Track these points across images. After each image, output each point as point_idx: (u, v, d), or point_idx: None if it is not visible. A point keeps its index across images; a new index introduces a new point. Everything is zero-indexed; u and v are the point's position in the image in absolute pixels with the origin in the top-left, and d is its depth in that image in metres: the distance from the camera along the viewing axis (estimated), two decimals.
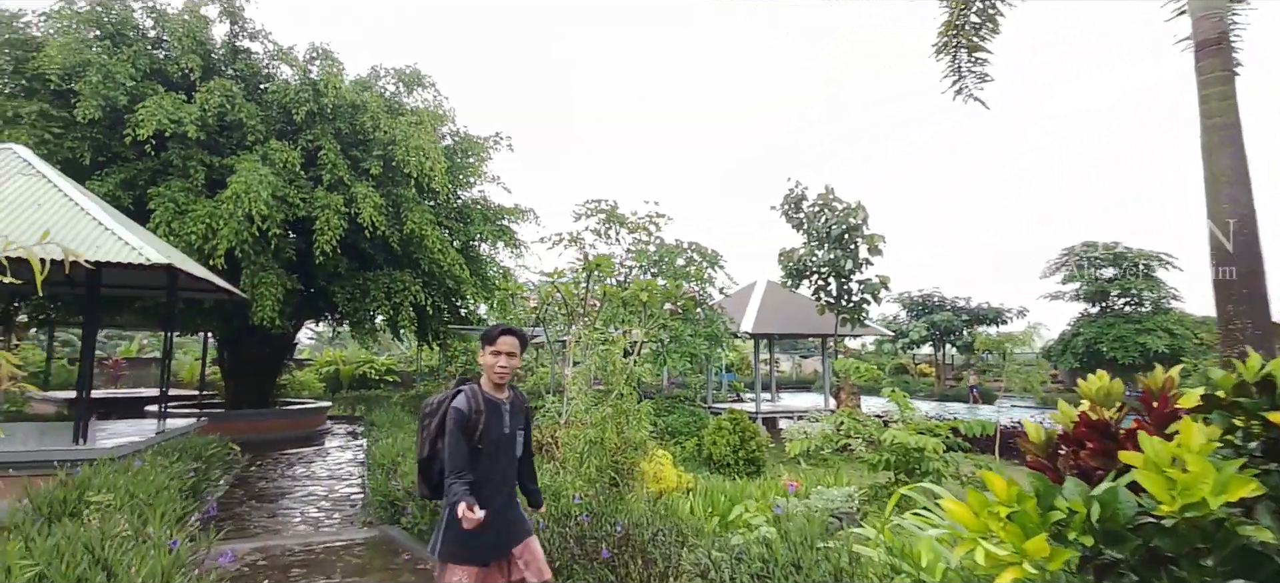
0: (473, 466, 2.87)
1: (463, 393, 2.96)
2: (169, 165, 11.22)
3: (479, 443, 2.89)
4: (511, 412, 3.06)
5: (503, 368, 2.99)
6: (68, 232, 7.11)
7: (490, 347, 3.00)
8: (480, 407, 2.92)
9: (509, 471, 3.05)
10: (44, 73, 10.61)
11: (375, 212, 11.78)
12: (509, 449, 3.03)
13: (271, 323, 11.03)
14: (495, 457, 2.96)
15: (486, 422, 2.91)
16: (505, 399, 3.05)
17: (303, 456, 12.36)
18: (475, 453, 2.88)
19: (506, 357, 3.00)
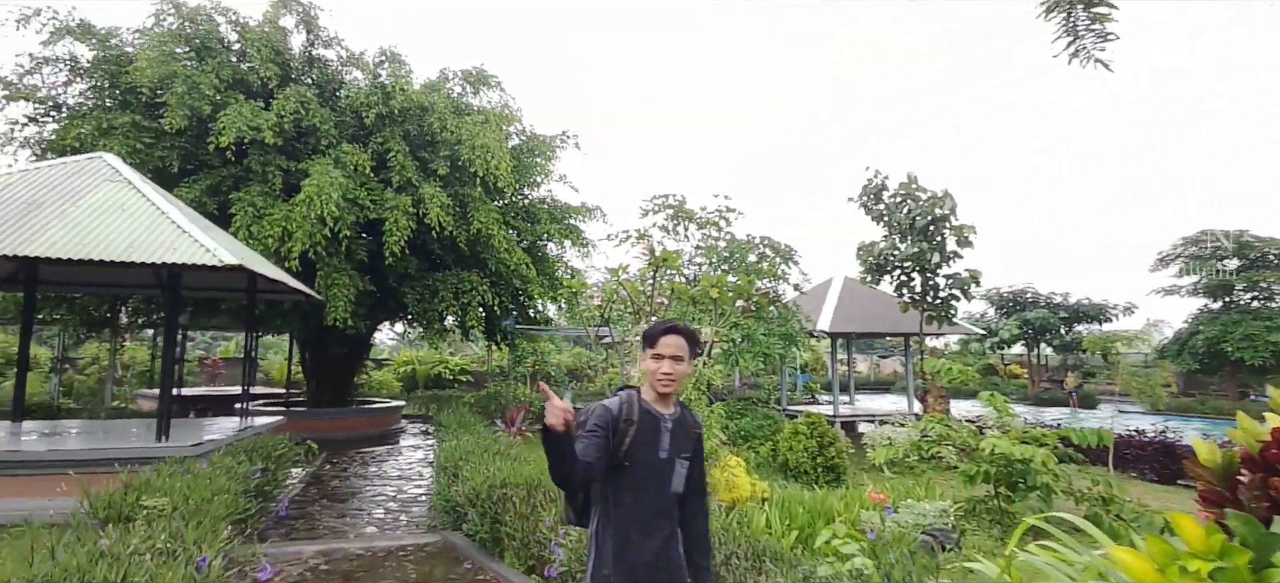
0: (612, 490, 2.36)
1: (618, 397, 2.48)
2: (249, 171, 11.58)
3: (624, 459, 2.36)
4: (674, 433, 2.45)
5: (666, 374, 2.41)
6: (150, 235, 7.29)
7: (651, 348, 2.46)
8: (633, 415, 2.39)
9: (663, 506, 2.42)
10: (136, 86, 11.15)
11: (442, 212, 11.78)
12: (663, 478, 2.42)
13: (344, 323, 11.19)
14: (643, 484, 2.38)
15: (636, 436, 2.38)
16: (668, 416, 2.46)
17: (376, 454, 12.53)
18: (618, 471, 2.36)
19: (671, 360, 2.42)
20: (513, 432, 11.17)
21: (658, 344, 2.44)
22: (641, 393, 2.48)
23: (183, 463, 5.63)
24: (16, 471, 6.92)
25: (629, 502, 2.36)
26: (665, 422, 2.44)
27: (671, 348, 2.43)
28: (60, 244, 6.87)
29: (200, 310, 13.49)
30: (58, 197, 7.68)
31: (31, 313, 10.02)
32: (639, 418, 2.39)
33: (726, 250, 12.84)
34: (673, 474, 2.44)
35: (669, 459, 2.42)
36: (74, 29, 11.30)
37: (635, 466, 2.36)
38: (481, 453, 7.31)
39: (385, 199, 11.77)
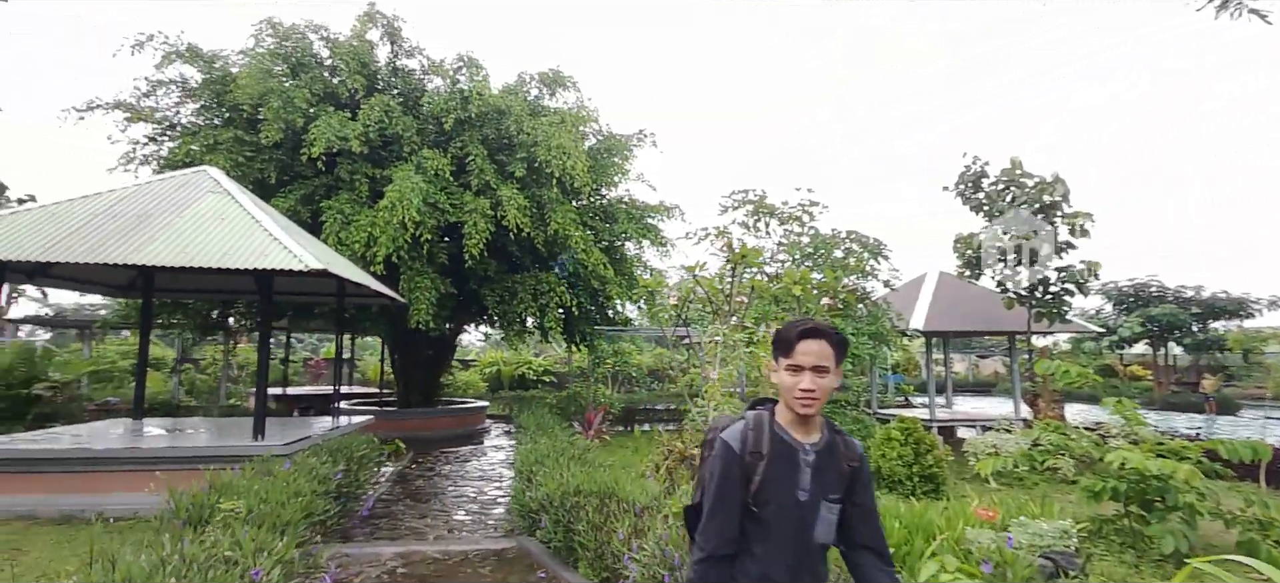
0: (742, 539, 1.91)
1: (743, 421, 1.99)
2: (339, 180, 12.04)
3: (753, 503, 1.89)
4: (817, 468, 1.92)
5: (807, 391, 1.87)
6: (244, 243, 7.60)
7: (785, 357, 1.92)
8: (762, 448, 1.90)
9: (804, 560, 1.90)
10: (238, 104, 11.82)
11: (519, 213, 11.82)
12: (802, 526, 1.90)
13: (427, 326, 11.42)
14: (776, 533, 1.89)
15: (768, 473, 1.88)
16: (809, 445, 1.93)
17: (460, 454, 12.74)
18: (751, 521, 1.90)
19: (814, 374, 1.87)
20: (590, 435, 11.04)
21: (795, 352, 1.88)
22: (775, 414, 1.96)
23: (268, 463, 5.75)
24: (120, 466, 7.36)
25: (759, 553, 1.88)
26: (805, 453, 1.90)
27: (813, 356, 1.86)
28: (165, 253, 7.25)
29: (298, 314, 14.19)
30: (165, 209, 8.15)
31: (149, 318, 10.78)
32: (770, 449, 1.89)
33: (810, 246, 12.23)
34: (816, 520, 1.89)
35: (811, 501, 1.88)
36: (183, 52, 12.12)
37: (766, 510, 1.87)
38: (556, 457, 7.16)
39: (464, 202, 11.93)
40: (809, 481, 1.89)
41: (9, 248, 6.98)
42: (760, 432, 1.92)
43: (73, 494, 7.26)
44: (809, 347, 1.88)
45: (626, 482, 5.83)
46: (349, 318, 13.04)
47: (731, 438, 1.93)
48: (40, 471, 7.28)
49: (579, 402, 15.54)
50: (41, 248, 7.04)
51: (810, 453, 1.91)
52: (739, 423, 1.98)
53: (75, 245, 7.18)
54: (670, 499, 4.90)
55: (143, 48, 11.86)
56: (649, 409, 17.35)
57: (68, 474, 7.32)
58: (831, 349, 1.90)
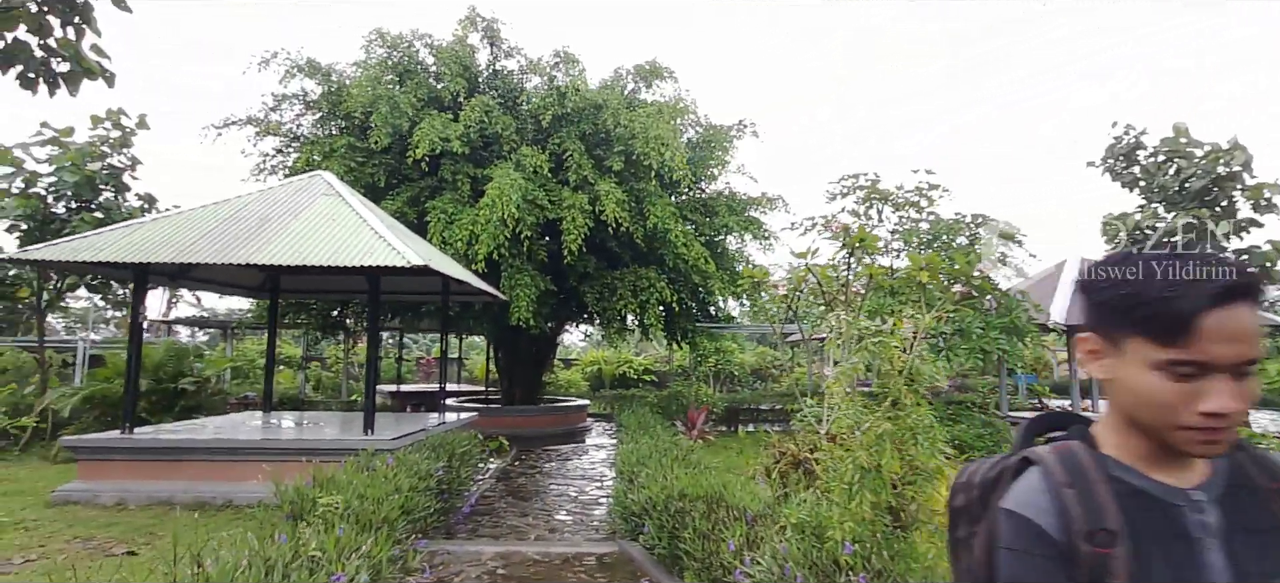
0: None
1: (1040, 468, 1.00)
2: (442, 180, 12.30)
3: None
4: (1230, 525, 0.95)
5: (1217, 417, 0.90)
6: (353, 242, 7.78)
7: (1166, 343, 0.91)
8: (1106, 519, 0.92)
9: None
10: (350, 112, 12.35)
11: (618, 207, 11.58)
12: None
13: (527, 323, 11.41)
14: None
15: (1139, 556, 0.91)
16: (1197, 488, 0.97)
17: (562, 453, 12.68)
18: None
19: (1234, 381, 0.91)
20: (694, 435, 10.59)
21: (1200, 334, 0.90)
22: (1100, 443, 1.03)
23: (372, 457, 5.74)
24: (247, 457, 7.70)
25: None
26: (1195, 508, 0.95)
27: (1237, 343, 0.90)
28: (282, 253, 7.52)
29: (406, 314, 14.72)
30: (283, 212, 8.51)
31: (275, 318, 11.44)
32: (1125, 517, 0.92)
33: (930, 233, 11.20)
34: None
35: None
36: (303, 67, 12.82)
37: None
38: (659, 458, 6.78)
39: (563, 198, 11.85)
40: (1219, 550, 0.93)
41: (147, 252, 7.47)
42: (1089, 486, 0.95)
43: (206, 482, 7.69)
44: (1229, 322, 0.90)
45: (736, 486, 5.35)
46: (453, 316, 13.33)
47: (1037, 511, 0.95)
48: (177, 459, 7.76)
49: (681, 401, 15.15)
50: (176, 251, 7.50)
51: (1204, 505, 0.96)
52: (1033, 475, 1.00)
53: (205, 248, 7.60)
54: (785, 508, 4.38)
55: (268, 65, 12.67)
56: (753, 409, 16.68)
57: (201, 463, 7.76)
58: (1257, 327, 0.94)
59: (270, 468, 7.65)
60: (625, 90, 14.44)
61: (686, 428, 10.56)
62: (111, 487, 7.64)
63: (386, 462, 5.54)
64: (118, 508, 7.41)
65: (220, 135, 13.56)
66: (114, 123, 11.75)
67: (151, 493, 7.60)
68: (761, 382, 31.05)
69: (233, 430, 8.53)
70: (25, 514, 7.18)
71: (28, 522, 6.92)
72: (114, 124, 11.76)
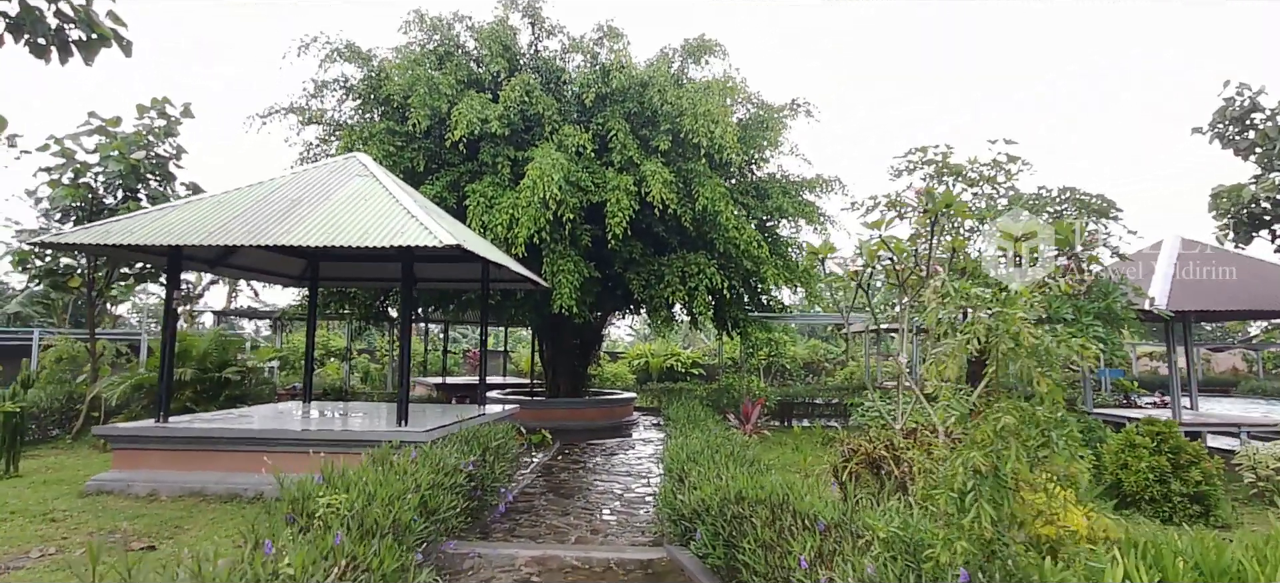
0: None
1: None
2: (482, 165, 11.86)
3: None
4: None
5: None
6: (383, 222, 7.35)
7: None
8: None
9: None
10: (389, 95, 12.04)
11: (664, 188, 10.91)
12: None
13: (569, 311, 10.87)
14: None
15: None
16: None
17: (607, 447, 12.12)
18: None
19: None
20: (748, 430, 9.85)
21: None
22: None
23: (398, 449, 5.24)
24: (277, 448, 7.36)
25: None
26: None
27: None
28: (311, 234, 7.14)
29: (448, 304, 14.38)
30: (314, 194, 8.16)
31: (314, 307, 11.21)
32: None
33: (1010, 210, 10.16)
34: None
35: None
36: (343, 51, 12.57)
37: None
38: (711, 454, 6.10)
39: (607, 180, 11.26)
40: None
41: (176, 234, 7.19)
42: None
43: (239, 474, 7.39)
44: None
45: (801, 488, 4.63)
46: (495, 305, 12.92)
47: None
48: (210, 449, 7.49)
49: (731, 394, 14.41)
50: (204, 233, 7.20)
51: None
52: None
53: (235, 229, 7.28)
54: (866, 516, 3.66)
55: (308, 49, 12.45)
56: (807, 404, 15.78)
57: (234, 453, 7.47)
58: None
59: (296, 459, 7.32)
60: (672, 69, 13.73)
61: (740, 422, 9.82)
62: (145, 477, 7.42)
63: (412, 455, 5.03)
64: (149, 499, 7.18)
65: (264, 124, 13.46)
66: (159, 111, 11.72)
67: (184, 484, 7.35)
68: (813, 376, 29.93)
69: (268, 421, 8.24)
70: (58, 504, 7.01)
71: (57, 512, 6.73)
72: (159, 113, 11.73)
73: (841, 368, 30.37)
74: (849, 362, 30.38)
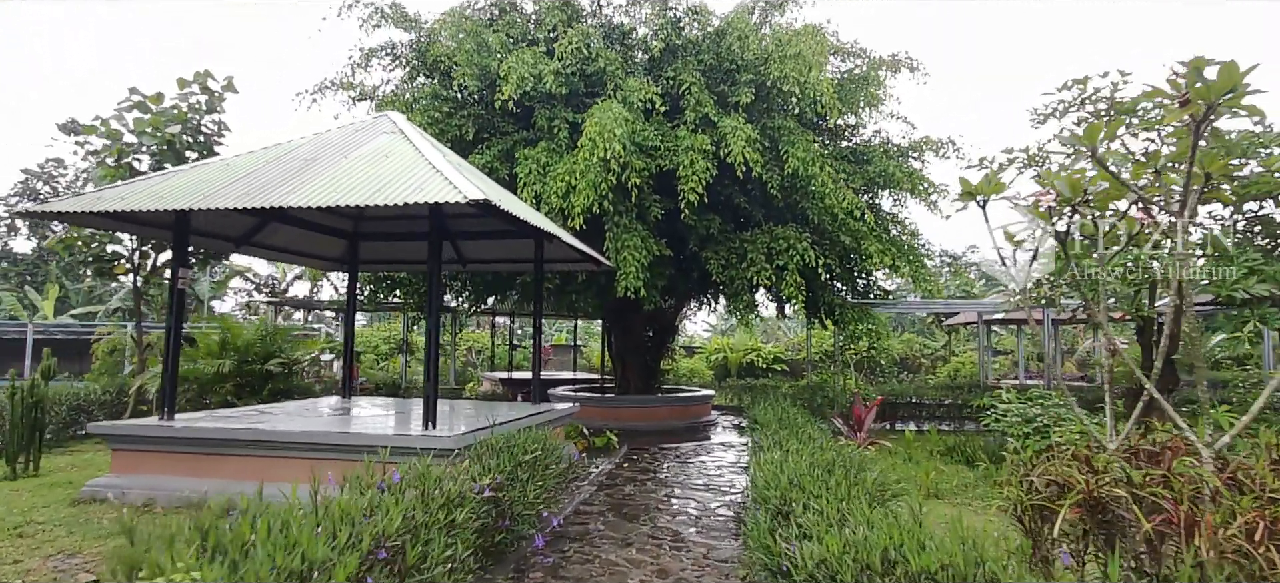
0: None
1: None
2: (537, 130, 10.46)
3: None
4: None
5: None
6: (402, 178, 5.99)
7: None
8: None
9: None
10: (437, 60, 10.84)
11: (747, 146, 9.14)
12: None
13: (637, 293, 9.28)
14: None
15: None
16: None
17: (681, 452, 10.48)
18: None
19: None
20: (860, 438, 7.84)
21: None
22: None
23: (421, 456, 3.79)
24: (284, 452, 6.16)
25: None
26: None
27: None
28: (315, 194, 5.87)
29: (502, 289, 13.07)
30: (332, 153, 6.94)
31: (354, 293, 10.13)
32: None
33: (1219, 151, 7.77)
34: None
35: None
36: (388, 12, 11.47)
37: None
38: (821, 477, 4.35)
39: (679, 140, 9.59)
40: None
41: (171, 200, 6.09)
42: None
43: (242, 482, 6.23)
44: None
45: (989, 544, 2.83)
46: (552, 288, 11.52)
47: None
48: (213, 452, 6.38)
49: (825, 392, 12.44)
50: (198, 197, 6.06)
51: None
52: None
53: (231, 192, 6.11)
54: None
55: (350, 9, 11.42)
56: (915, 404, 13.56)
57: (238, 458, 6.33)
58: None
59: (308, 466, 6.08)
60: (753, 19, 11.89)
61: (850, 428, 7.81)
62: (143, 482, 6.39)
63: (436, 467, 3.56)
64: (143, 509, 6.13)
65: (315, 102, 12.58)
66: (201, 85, 10.98)
67: (184, 491, 6.25)
68: (907, 372, 27.19)
69: (284, 420, 7.08)
70: (44, 514, 6.05)
71: (35, 525, 5.75)
72: (201, 87, 10.99)
73: (943, 363, 27.47)
74: (950, 356, 27.43)
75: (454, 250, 10.11)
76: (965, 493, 7.80)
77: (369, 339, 24.86)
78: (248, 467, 6.27)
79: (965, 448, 9.77)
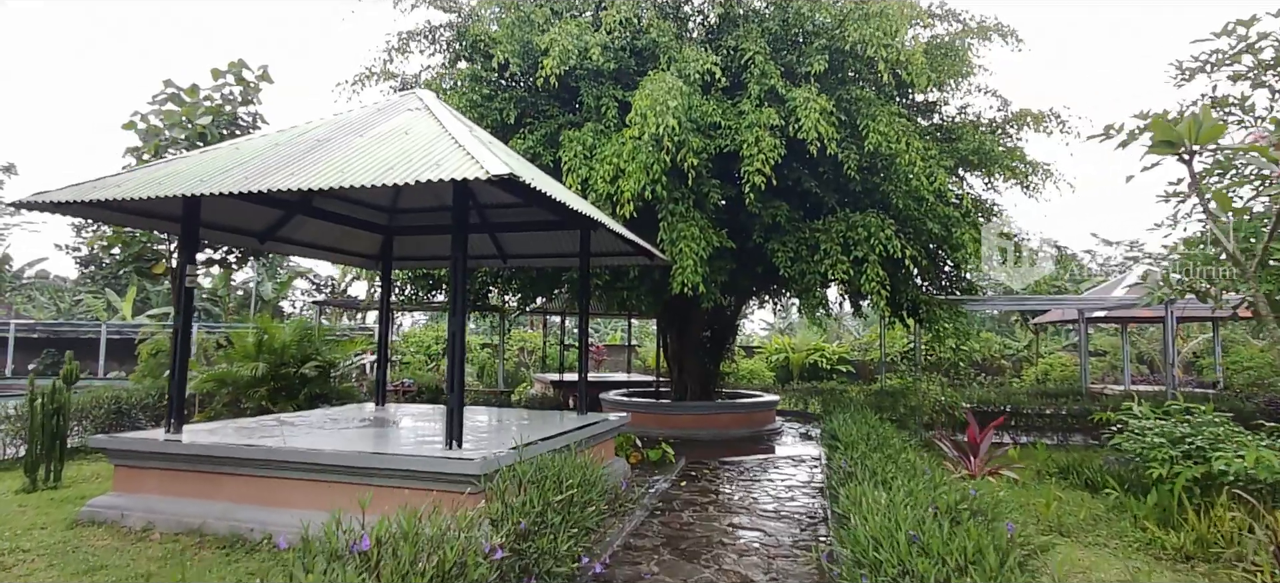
0: None
1: None
2: (584, 111, 9.51)
3: None
4: None
5: None
6: (420, 156, 5.10)
7: None
8: None
9: None
10: (476, 40, 10.04)
11: (822, 120, 7.92)
12: None
13: (695, 290, 8.20)
14: None
15: None
16: None
17: (744, 468, 9.34)
18: None
19: None
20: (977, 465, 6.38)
21: None
22: None
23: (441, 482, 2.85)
24: (287, 472, 5.37)
25: None
26: None
27: None
28: (317, 175, 5.05)
29: (549, 287, 12.14)
30: (348, 133, 6.13)
31: (387, 290, 9.42)
32: None
33: None
34: None
35: None
36: None
37: None
38: (947, 535, 3.18)
39: (744, 115, 8.45)
40: None
41: (168, 187, 5.38)
42: None
43: (245, 506, 5.50)
44: None
45: None
46: (602, 285, 10.54)
47: None
48: (218, 471, 5.66)
49: (906, 401, 11.05)
50: (194, 183, 5.33)
51: None
52: None
53: (232, 178, 5.36)
54: None
55: None
56: (1013, 413, 11.97)
57: (244, 478, 5.59)
58: None
59: (317, 489, 5.28)
60: None
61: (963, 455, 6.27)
62: (143, 504, 5.73)
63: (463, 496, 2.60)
64: (139, 537, 5.45)
65: (356, 94, 11.99)
66: (236, 76, 10.52)
67: (185, 516, 5.56)
68: (987, 376, 25.07)
69: (303, 434, 6.33)
70: (39, 538, 5.45)
71: (20, 553, 5.12)
72: (236, 78, 10.53)
73: (1028, 365, 25.21)
74: (1037, 358, 25.14)
75: (494, 245, 9.26)
76: (1096, 529, 6.39)
77: (421, 340, 24.57)
78: (253, 489, 5.52)
79: (1083, 469, 8.27)
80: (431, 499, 5.08)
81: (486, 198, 8.31)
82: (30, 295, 35.27)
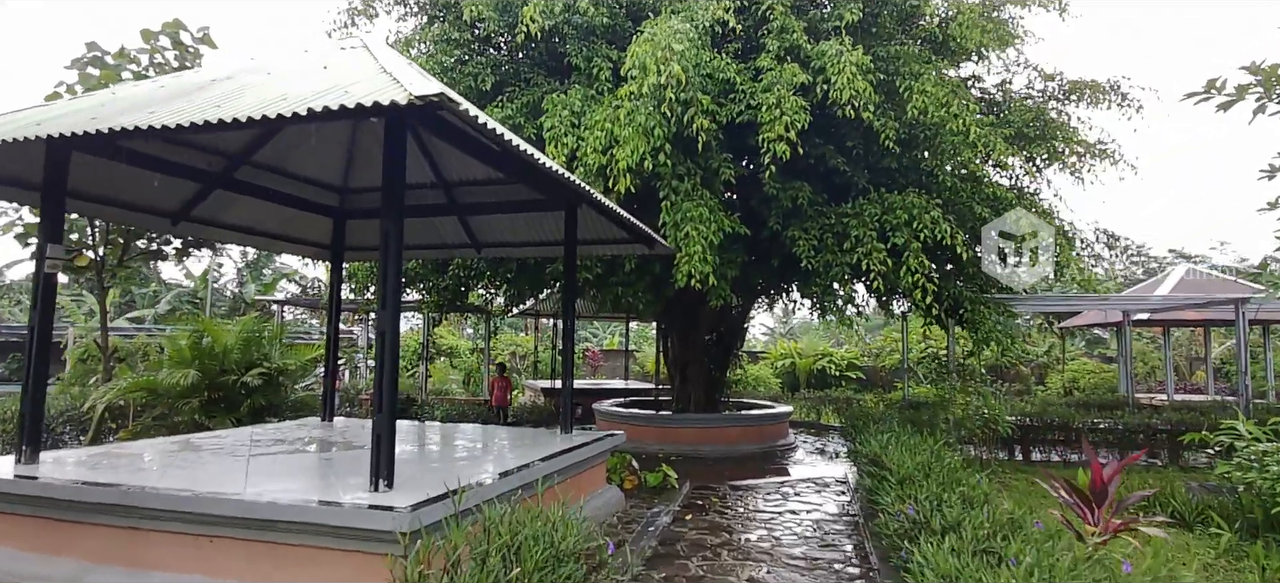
0: None
1: None
2: (572, 72, 8.10)
3: None
4: None
5: None
6: (332, 90, 3.68)
7: None
8: None
9: None
10: None
11: (858, 75, 6.50)
12: None
13: (704, 282, 6.77)
14: None
15: None
16: None
17: (758, 492, 7.91)
18: None
19: None
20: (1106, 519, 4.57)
21: None
22: None
23: None
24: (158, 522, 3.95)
25: None
26: None
27: None
28: (204, 110, 3.63)
29: (535, 282, 10.68)
30: (254, 74, 4.73)
31: (337, 284, 7.98)
32: None
33: None
34: None
35: None
36: None
37: None
38: None
39: (760, 73, 7.05)
40: None
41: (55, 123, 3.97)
42: None
43: (103, 570, 4.07)
44: None
45: None
46: (593, 279, 9.11)
47: None
48: (75, 517, 4.23)
49: (945, 414, 9.61)
50: (85, 120, 3.91)
51: None
52: None
53: (129, 114, 3.92)
54: None
55: None
56: (1055, 426, 10.56)
57: (105, 528, 4.16)
58: None
59: (195, 545, 3.87)
60: None
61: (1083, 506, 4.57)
62: None
63: None
64: None
65: None
66: (171, 39, 9.10)
67: (29, 576, 4.13)
68: (1000, 381, 23.63)
69: (188, 469, 4.89)
70: None
71: None
72: (172, 40, 9.12)
73: (1051, 372, 23.78)
74: (1063, 363, 23.72)
75: (464, 230, 7.84)
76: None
77: (405, 343, 23.11)
78: (115, 543, 4.09)
79: (1170, 500, 6.83)
80: (351, 565, 3.68)
81: (453, 173, 6.90)
82: (17, 298, 33.77)
